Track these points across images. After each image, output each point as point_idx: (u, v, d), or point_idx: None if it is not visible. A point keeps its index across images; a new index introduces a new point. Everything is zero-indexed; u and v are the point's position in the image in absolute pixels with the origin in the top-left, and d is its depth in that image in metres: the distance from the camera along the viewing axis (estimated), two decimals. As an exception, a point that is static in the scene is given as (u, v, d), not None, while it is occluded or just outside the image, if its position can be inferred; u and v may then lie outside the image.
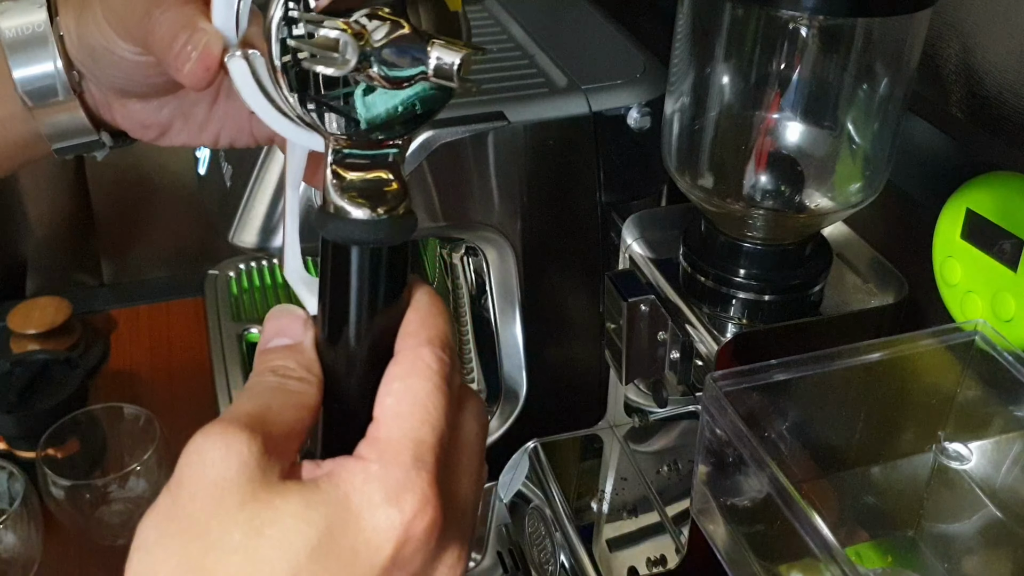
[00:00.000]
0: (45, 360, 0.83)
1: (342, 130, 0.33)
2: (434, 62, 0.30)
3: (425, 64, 0.31)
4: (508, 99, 0.65)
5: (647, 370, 0.59)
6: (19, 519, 0.68)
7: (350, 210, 0.32)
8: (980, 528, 0.51)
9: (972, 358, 0.49)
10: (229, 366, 0.88)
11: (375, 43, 0.30)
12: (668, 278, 0.57)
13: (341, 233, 0.33)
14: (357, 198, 0.33)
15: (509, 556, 0.71)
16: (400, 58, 0.31)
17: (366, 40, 0.30)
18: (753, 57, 0.51)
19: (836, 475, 0.52)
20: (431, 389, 0.31)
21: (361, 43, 0.30)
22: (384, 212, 0.33)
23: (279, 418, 0.31)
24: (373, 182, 0.33)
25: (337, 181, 0.33)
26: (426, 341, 0.32)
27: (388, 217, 0.33)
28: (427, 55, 0.31)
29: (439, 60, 0.30)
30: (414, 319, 0.33)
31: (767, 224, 0.53)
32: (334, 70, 0.30)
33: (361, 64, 0.30)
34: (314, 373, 0.33)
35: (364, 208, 0.32)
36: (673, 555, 0.61)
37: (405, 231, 0.33)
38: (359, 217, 0.32)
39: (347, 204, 0.32)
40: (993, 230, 0.48)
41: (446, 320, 0.34)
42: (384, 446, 0.30)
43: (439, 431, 0.30)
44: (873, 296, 0.56)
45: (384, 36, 0.31)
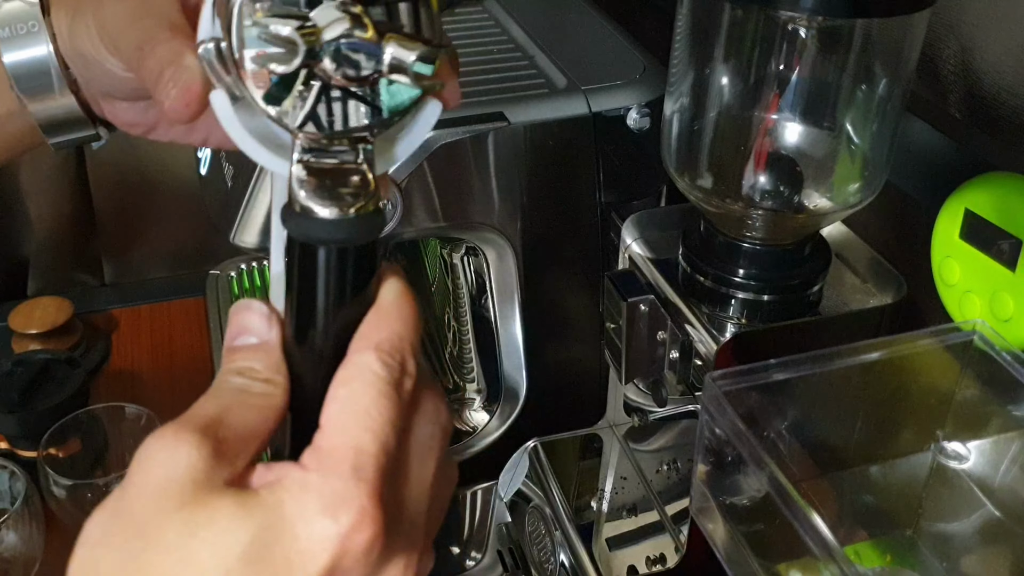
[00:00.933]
0: (46, 360, 0.83)
1: (307, 124, 0.31)
2: (388, 59, 0.30)
3: (380, 61, 0.30)
4: (508, 100, 0.65)
5: (647, 370, 0.59)
6: (20, 518, 0.69)
7: (315, 209, 0.32)
8: (978, 527, 0.51)
9: (970, 358, 0.49)
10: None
11: (325, 40, 0.30)
12: (667, 278, 0.57)
13: (306, 232, 0.32)
14: (323, 196, 0.32)
15: (509, 555, 0.71)
16: (353, 55, 0.30)
17: (316, 36, 0.29)
18: (752, 58, 0.51)
19: (835, 474, 0.52)
20: (375, 396, 0.30)
21: (311, 39, 0.29)
22: (351, 210, 0.32)
23: (238, 421, 0.31)
24: (340, 179, 0.32)
25: (303, 178, 0.32)
26: (375, 345, 0.31)
27: (355, 216, 0.32)
28: (381, 51, 0.30)
29: (394, 57, 0.30)
30: (369, 320, 0.33)
31: (766, 224, 0.53)
32: (282, 67, 0.29)
33: (311, 60, 0.30)
34: (281, 374, 0.32)
35: (330, 206, 0.32)
36: (672, 554, 0.61)
37: (373, 230, 0.32)
38: (324, 216, 0.32)
39: (312, 203, 0.32)
40: (991, 230, 0.48)
41: (405, 320, 0.33)
42: (324, 455, 0.29)
43: (382, 439, 0.30)
44: (872, 296, 0.56)
45: (337, 33, 0.30)
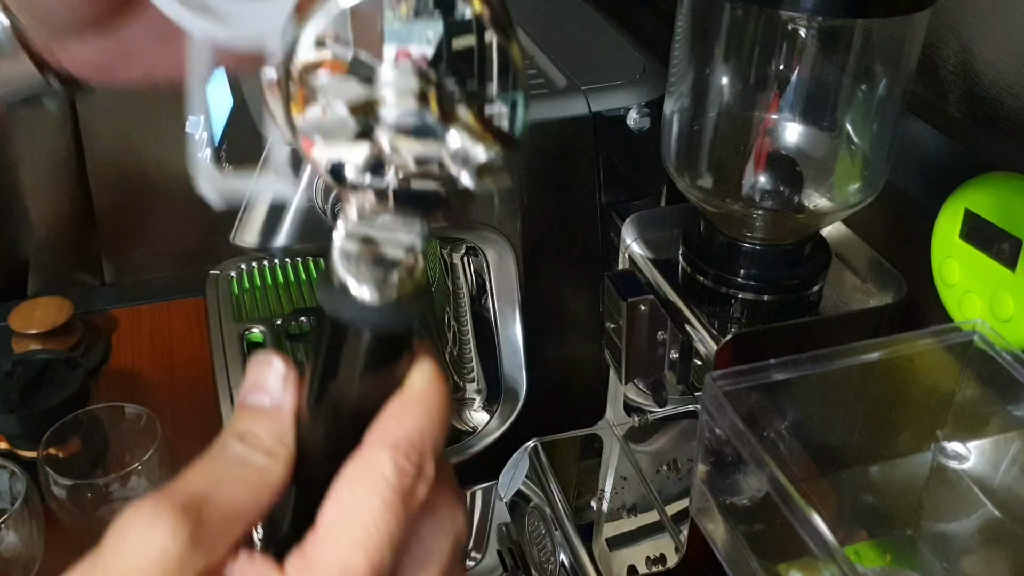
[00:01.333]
0: (46, 360, 0.83)
1: (363, 190, 0.28)
2: (452, 150, 0.27)
3: (443, 148, 0.27)
4: (508, 99, 0.65)
5: (647, 370, 0.59)
6: (21, 518, 0.68)
7: (356, 287, 0.29)
8: (978, 527, 0.51)
9: (970, 358, 0.49)
10: (230, 366, 0.88)
11: (383, 116, 0.26)
12: (667, 278, 0.57)
13: (342, 313, 0.29)
14: (368, 276, 0.29)
15: (509, 555, 0.71)
16: (414, 133, 0.26)
17: (372, 111, 0.26)
18: (752, 58, 0.51)
19: (835, 474, 0.52)
20: (379, 506, 0.27)
21: (366, 112, 0.26)
22: (395, 294, 0.29)
23: (227, 498, 0.28)
24: (389, 257, 0.29)
25: (349, 251, 0.29)
26: (392, 442, 0.28)
27: (398, 300, 0.29)
28: (444, 137, 0.26)
29: (460, 148, 0.26)
30: (392, 410, 0.30)
31: (766, 224, 0.53)
32: (332, 146, 0.26)
33: (364, 135, 0.26)
34: (285, 446, 0.30)
35: (372, 288, 0.29)
36: (672, 554, 0.61)
37: (415, 316, 0.30)
38: (365, 298, 0.29)
39: (354, 281, 0.29)
40: (991, 230, 0.48)
41: (431, 413, 0.30)
42: (309, 567, 0.27)
43: (376, 561, 0.27)
44: (872, 296, 0.56)
45: (398, 110, 0.26)
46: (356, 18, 0.26)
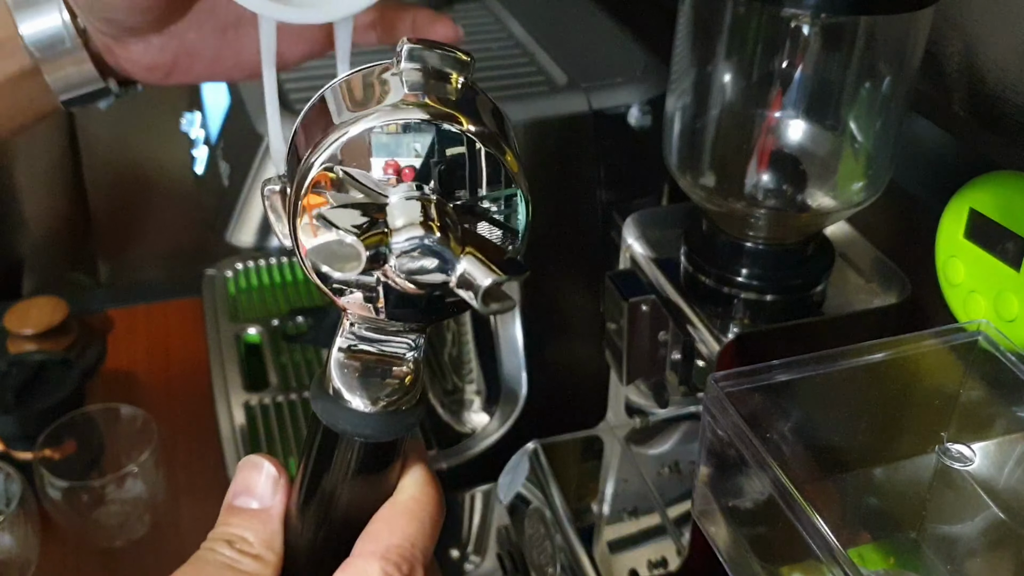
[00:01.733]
0: (42, 360, 0.82)
1: (359, 305, 0.29)
2: (459, 275, 0.27)
3: (449, 274, 0.27)
4: (508, 97, 0.65)
5: (648, 371, 0.59)
6: (16, 520, 0.68)
7: (348, 398, 0.29)
8: (983, 529, 0.51)
9: (975, 358, 0.49)
10: (227, 366, 0.87)
11: (393, 244, 0.27)
12: (669, 278, 0.57)
13: (335, 421, 0.29)
14: (363, 387, 0.29)
15: (509, 558, 0.70)
16: (420, 262, 0.27)
17: (383, 239, 0.27)
18: (755, 55, 0.51)
19: (838, 476, 0.52)
20: None
21: (376, 240, 0.26)
22: (387, 406, 0.29)
23: None
24: (385, 370, 0.30)
25: (344, 362, 0.29)
26: (382, 552, 0.28)
27: (389, 412, 0.29)
28: (452, 266, 0.27)
29: (466, 275, 0.27)
30: (383, 517, 0.30)
31: (769, 223, 0.52)
32: (341, 275, 0.27)
33: (374, 264, 0.27)
34: (273, 551, 0.30)
35: (365, 398, 0.29)
36: (674, 557, 0.61)
37: (408, 427, 0.30)
38: (356, 407, 0.29)
39: (347, 390, 0.29)
40: (996, 230, 0.48)
41: (422, 521, 0.30)
42: None
43: None
44: (876, 296, 0.56)
45: (407, 237, 0.26)
46: (362, 145, 0.27)
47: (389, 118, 0.27)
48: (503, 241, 0.29)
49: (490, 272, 0.26)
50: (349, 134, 0.27)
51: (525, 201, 0.29)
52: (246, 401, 0.83)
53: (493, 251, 0.28)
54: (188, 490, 0.81)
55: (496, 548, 0.71)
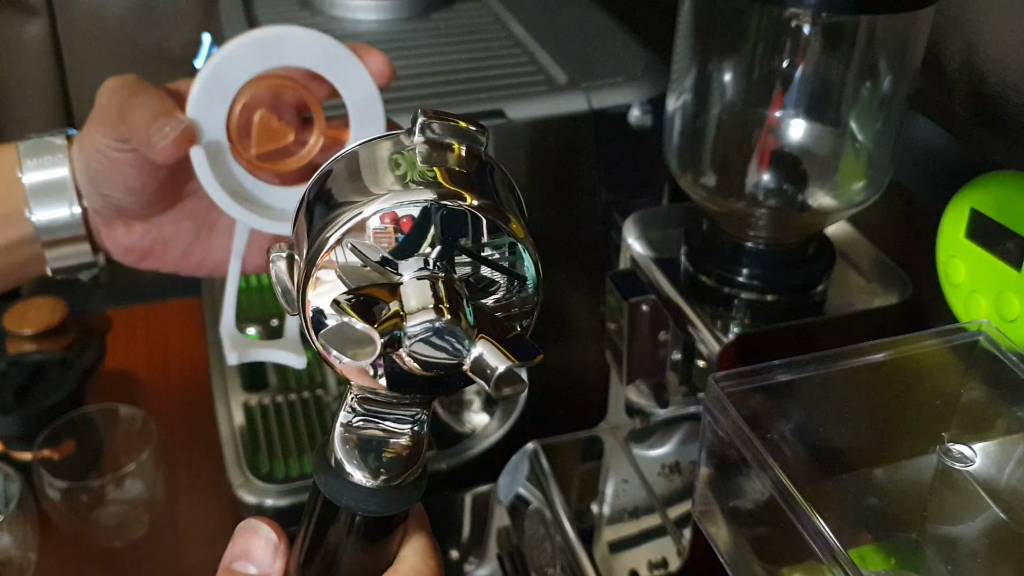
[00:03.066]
0: (41, 361, 0.82)
1: (365, 380, 0.29)
2: (473, 360, 0.27)
3: (463, 358, 0.27)
4: (507, 96, 0.65)
5: (648, 371, 0.59)
6: (15, 521, 0.68)
7: (351, 471, 0.29)
8: (984, 530, 0.51)
9: (976, 359, 0.49)
10: (226, 366, 0.87)
11: (408, 328, 0.27)
12: (669, 278, 0.57)
13: (336, 495, 0.30)
14: (363, 460, 0.29)
15: (509, 559, 0.70)
16: (434, 348, 0.27)
17: (399, 325, 0.27)
18: (755, 55, 0.51)
19: (839, 477, 0.52)
20: None
21: (391, 324, 0.26)
22: (389, 480, 0.29)
23: None
24: (386, 445, 0.30)
25: (346, 434, 0.29)
26: None
27: (392, 486, 0.29)
28: (467, 351, 0.27)
29: (480, 360, 0.27)
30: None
31: (770, 223, 0.52)
32: (354, 363, 0.26)
33: (388, 349, 0.27)
34: None
35: (367, 473, 0.29)
36: (675, 558, 0.61)
37: (410, 501, 0.30)
38: (358, 482, 0.29)
39: (349, 463, 0.29)
40: (997, 229, 0.48)
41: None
42: None
43: None
44: (876, 296, 0.56)
45: (421, 321, 0.26)
46: (373, 223, 0.27)
47: (400, 199, 0.27)
48: (518, 304, 0.29)
49: (504, 358, 0.27)
50: (362, 215, 0.27)
51: (534, 263, 0.29)
52: (245, 401, 0.83)
53: (506, 331, 0.28)
54: (187, 490, 0.81)
55: (496, 549, 0.71)
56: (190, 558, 0.76)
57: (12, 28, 1.12)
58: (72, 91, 1.15)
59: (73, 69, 1.14)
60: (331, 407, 0.82)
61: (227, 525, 0.86)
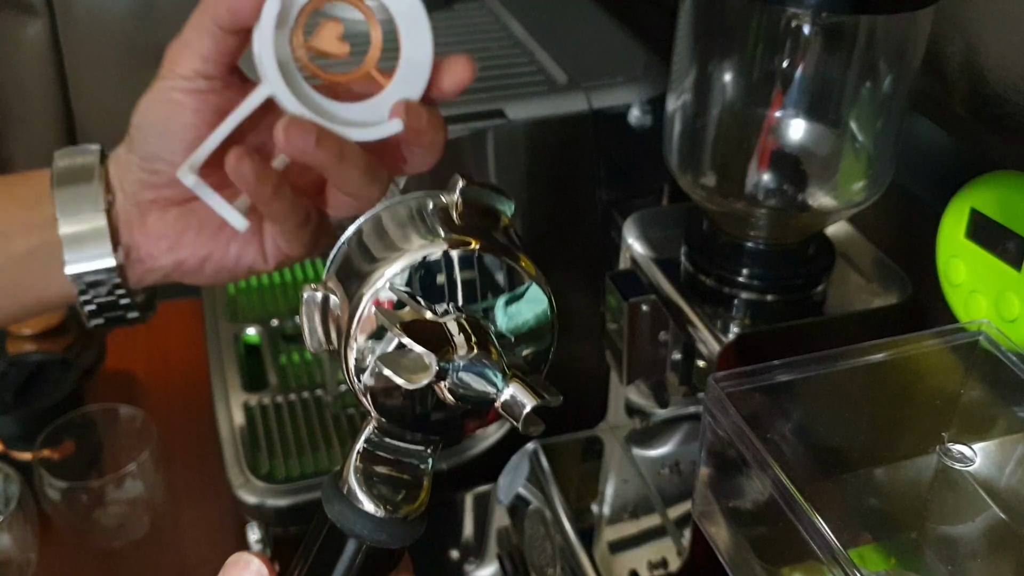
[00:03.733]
0: (41, 361, 0.82)
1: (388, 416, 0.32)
2: (506, 397, 0.31)
3: (497, 395, 0.31)
4: (508, 96, 0.65)
5: (648, 371, 0.59)
6: (15, 521, 0.68)
7: (363, 500, 0.31)
8: (984, 530, 0.51)
9: (976, 359, 0.49)
10: (226, 366, 0.87)
11: (457, 363, 0.30)
12: (670, 278, 0.57)
13: (346, 522, 0.32)
14: (378, 493, 0.32)
15: (509, 559, 0.70)
16: (475, 381, 0.30)
17: (448, 357, 0.30)
18: (756, 55, 0.51)
19: (839, 477, 0.52)
20: None
21: (443, 361, 0.30)
22: (396, 511, 0.32)
23: None
24: (400, 479, 0.32)
25: (360, 467, 0.32)
26: None
27: (399, 519, 0.32)
28: (501, 388, 0.31)
29: (512, 398, 0.31)
30: None
31: (770, 223, 0.52)
32: (408, 385, 0.29)
33: (438, 378, 0.30)
34: None
35: (380, 503, 0.31)
36: (675, 558, 0.61)
37: (413, 536, 0.32)
38: (371, 512, 0.31)
39: (364, 495, 0.31)
40: (997, 229, 0.48)
41: None
42: None
43: None
44: (876, 296, 0.56)
45: (467, 356, 0.30)
46: (414, 272, 0.31)
47: (430, 250, 0.31)
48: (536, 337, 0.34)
49: (534, 397, 0.31)
50: (400, 263, 0.31)
51: (548, 298, 0.35)
52: (245, 401, 0.83)
53: (527, 372, 0.32)
54: (187, 490, 0.81)
55: (496, 549, 0.71)
56: (190, 558, 0.76)
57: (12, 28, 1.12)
58: (72, 91, 1.15)
59: (73, 69, 1.14)
60: (331, 408, 0.82)
61: (227, 525, 0.87)
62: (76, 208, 0.45)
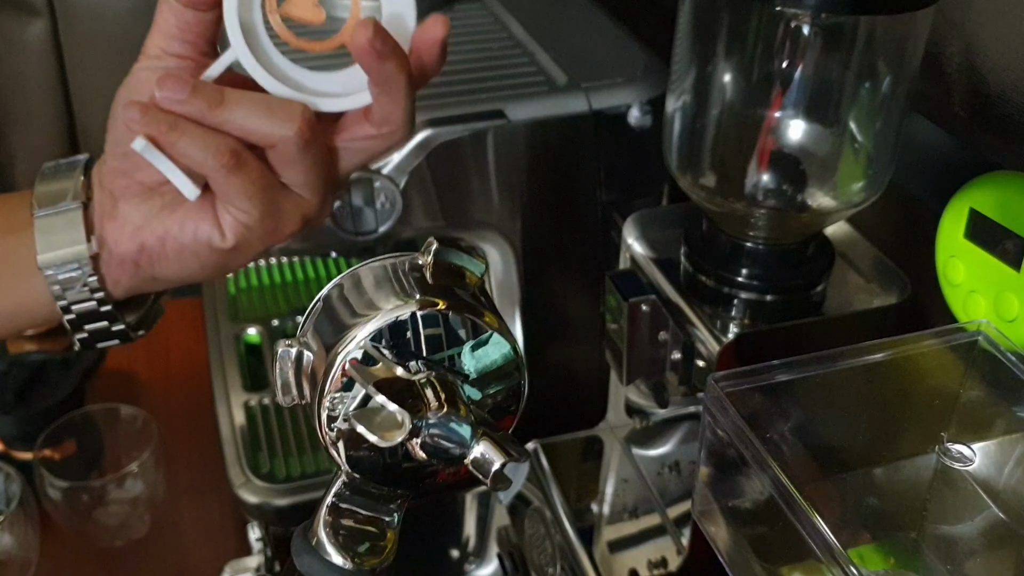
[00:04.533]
0: (42, 360, 0.82)
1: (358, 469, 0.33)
2: (475, 455, 0.31)
3: (466, 452, 0.32)
4: (508, 97, 0.65)
5: (648, 371, 0.59)
6: (16, 520, 0.68)
7: (330, 551, 0.33)
8: (983, 529, 0.51)
9: (975, 358, 0.49)
10: (227, 366, 0.87)
11: (429, 420, 0.31)
12: (669, 278, 0.57)
13: (314, 572, 0.33)
14: (345, 544, 0.33)
15: (509, 559, 0.70)
16: (446, 438, 0.31)
17: (421, 414, 0.31)
18: (755, 55, 0.51)
19: (838, 476, 0.52)
20: None
21: (416, 419, 0.31)
22: (363, 565, 0.33)
23: None
24: (368, 532, 0.34)
25: (331, 517, 0.33)
26: None
27: (364, 571, 0.33)
28: (471, 445, 0.31)
29: (482, 456, 0.31)
30: None
31: (769, 223, 0.52)
32: (382, 443, 0.30)
33: (410, 435, 0.31)
34: None
35: (344, 556, 0.33)
36: (674, 557, 0.61)
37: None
38: (336, 563, 0.33)
39: (332, 547, 0.33)
40: (996, 229, 0.48)
41: None
42: None
43: None
44: (876, 296, 0.56)
45: (439, 413, 0.31)
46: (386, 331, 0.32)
47: (401, 312, 0.32)
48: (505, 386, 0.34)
49: (502, 454, 0.31)
50: (373, 324, 0.32)
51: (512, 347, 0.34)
52: (246, 401, 0.83)
53: (497, 429, 0.33)
54: (188, 490, 0.81)
55: (496, 548, 0.71)
56: (191, 557, 0.76)
57: (13, 29, 1.12)
58: (73, 92, 1.15)
59: (74, 70, 1.14)
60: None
61: (228, 525, 0.87)
62: (53, 200, 0.45)
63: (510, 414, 0.36)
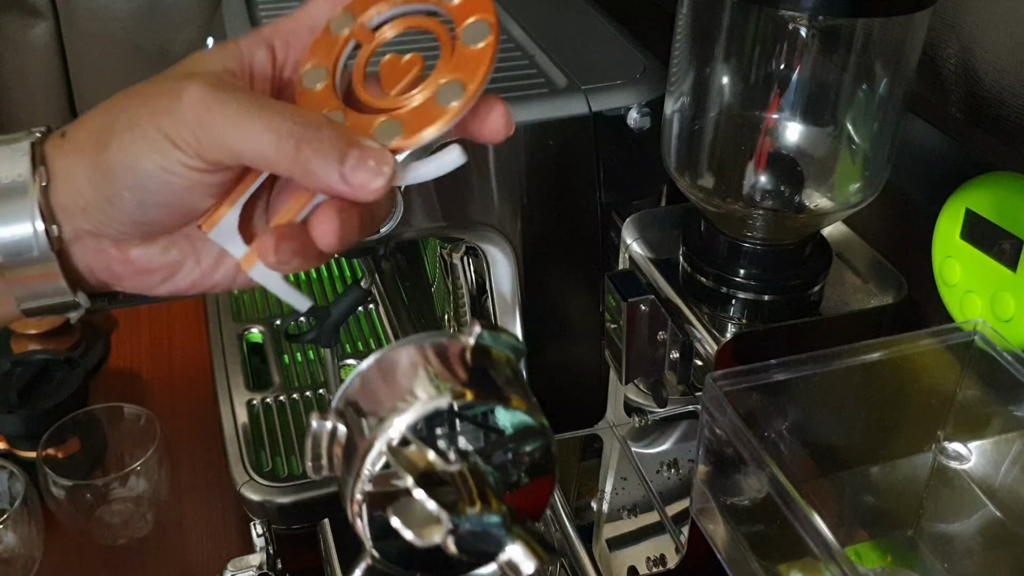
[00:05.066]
0: (46, 360, 0.82)
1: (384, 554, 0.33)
2: (508, 557, 0.31)
3: (499, 552, 0.31)
4: (508, 99, 0.64)
5: (647, 370, 0.59)
6: (20, 519, 0.68)
7: None
8: (979, 528, 0.51)
9: (971, 358, 0.49)
10: (229, 365, 0.88)
11: (464, 524, 0.30)
12: (668, 278, 0.57)
13: None
14: None
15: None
16: (481, 537, 0.31)
17: (460, 512, 0.30)
18: (753, 57, 0.51)
19: (836, 475, 0.52)
20: None
21: (454, 516, 0.30)
22: None
23: None
24: None
25: None
26: None
27: None
28: (503, 546, 0.31)
29: (513, 559, 0.31)
30: None
31: (767, 224, 0.53)
32: (419, 541, 0.30)
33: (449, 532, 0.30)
34: None
35: None
36: (673, 555, 0.61)
37: None
38: None
39: None
40: (992, 230, 0.48)
41: None
42: None
43: None
44: (873, 296, 0.56)
45: (476, 512, 0.30)
46: (425, 421, 0.32)
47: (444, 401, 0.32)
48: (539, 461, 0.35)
49: (534, 557, 0.31)
50: (417, 411, 0.31)
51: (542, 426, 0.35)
52: (249, 400, 0.84)
53: (532, 522, 0.33)
54: (191, 488, 0.81)
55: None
56: (194, 556, 0.76)
57: (17, 30, 1.13)
58: (76, 92, 1.16)
59: (77, 71, 1.14)
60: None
61: (231, 523, 0.87)
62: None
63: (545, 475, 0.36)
